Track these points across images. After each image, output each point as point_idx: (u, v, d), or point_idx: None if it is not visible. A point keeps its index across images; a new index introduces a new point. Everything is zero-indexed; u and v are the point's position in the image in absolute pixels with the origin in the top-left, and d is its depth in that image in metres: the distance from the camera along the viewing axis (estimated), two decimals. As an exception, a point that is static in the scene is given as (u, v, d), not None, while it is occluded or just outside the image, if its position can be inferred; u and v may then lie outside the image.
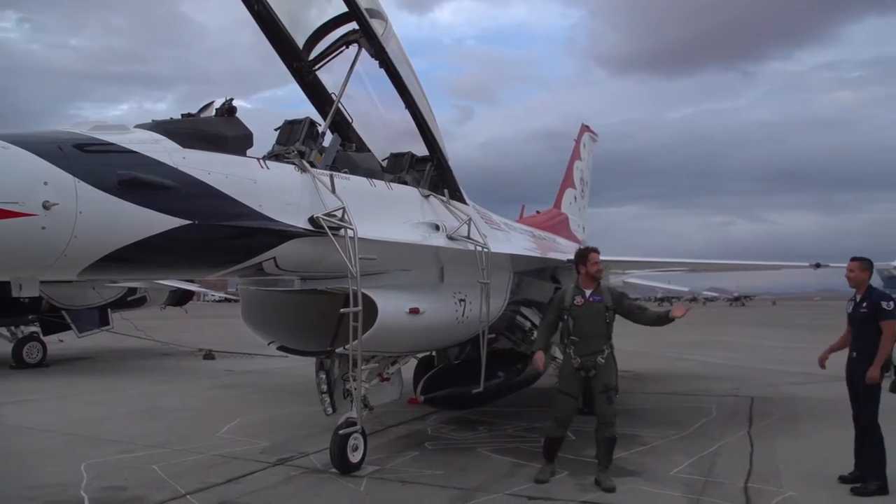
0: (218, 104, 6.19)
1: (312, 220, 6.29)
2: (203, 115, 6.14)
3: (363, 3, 6.99)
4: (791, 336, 29.09)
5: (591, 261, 7.23)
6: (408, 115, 7.87)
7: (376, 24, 7.16)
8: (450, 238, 7.84)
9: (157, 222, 5.03)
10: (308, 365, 8.55)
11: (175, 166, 5.27)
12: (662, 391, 13.46)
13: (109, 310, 20.48)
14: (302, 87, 7.85)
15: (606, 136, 22.71)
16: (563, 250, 13.36)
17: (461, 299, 8.09)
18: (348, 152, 7.69)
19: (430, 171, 8.45)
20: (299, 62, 7.64)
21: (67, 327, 19.60)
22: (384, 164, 8.50)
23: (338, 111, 7.80)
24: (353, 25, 7.29)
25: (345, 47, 7.61)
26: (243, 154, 6.09)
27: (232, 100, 6.17)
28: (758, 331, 34.73)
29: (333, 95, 7.80)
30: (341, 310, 6.69)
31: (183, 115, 6.07)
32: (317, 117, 7.50)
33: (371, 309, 6.80)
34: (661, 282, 25.08)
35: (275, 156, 6.69)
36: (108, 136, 5.05)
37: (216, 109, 6.16)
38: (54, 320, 19.28)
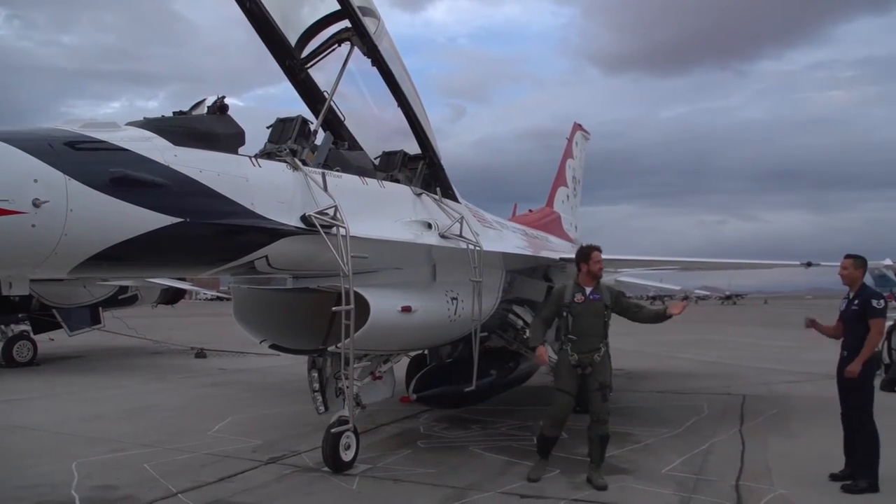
0: (210, 102, 6.16)
1: (304, 219, 6.28)
2: (195, 112, 6.11)
3: (356, 1, 6.98)
4: (782, 335, 29.15)
5: (593, 259, 7.19)
6: (400, 113, 7.87)
7: (369, 23, 7.17)
8: (442, 236, 7.85)
9: (148, 220, 5.01)
10: (300, 363, 8.53)
11: (166, 164, 5.25)
12: (655, 389, 13.48)
13: (101, 308, 20.44)
14: (294, 85, 7.82)
15: (599, 134, 22.80)
16: (555, 249, 13.38)
17: (453, 298, 8.10)
18: (340, 150, 7.67)
19: (423, 170, 8.44)
20: (291, 60, 7.61)
21: (58, 326, 19.55)
22: (376, 162, 8.48)
23: (330, 109, 7.78)
24: (346, 23, 7.28)
25: (337, 45, 7.60)
26: (235, 152, 6.06)
27: (224, 97, 6.15)
28: (750, 329, 34.84)
29: (326, 93, 7.78)
30: (333, 308, 6.68)
31: (175, 113, 6.05)
32: (309, 115, 7.48)
33: (363, 307, 6.79)
34: (653, 280, 25.13)
35: (267, 154, 6.68)
36: (99, 133, 5.02)
37: (208, 107, 6.13)
38: (45, 319, 19.22)
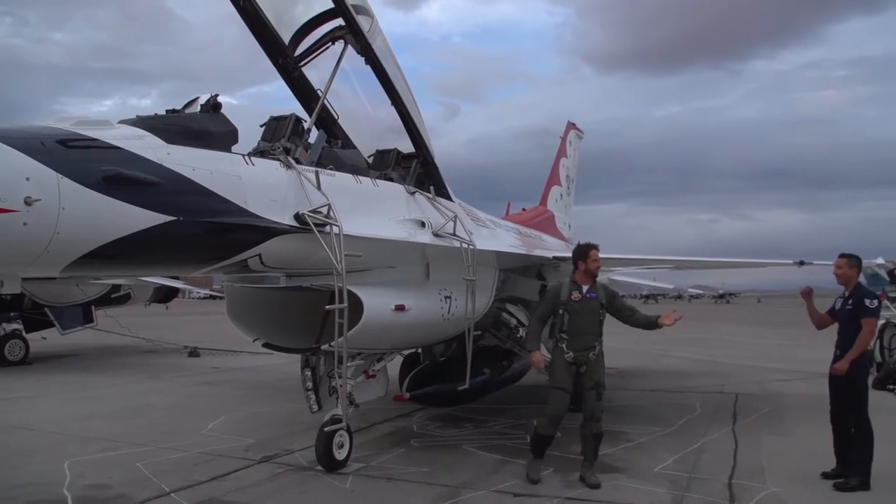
0: (203, 100, 6.15)
1: (298, 217, 6.27)
2: (188, 111, 6.10)
3: (349, 0, 6.97)
4: (775, 333, 29.26)
5: (591, 257, 7.17)
6: (394, 111, 7.86)
7: (363, 21, 7.16)
8: (435, 235, 7.85)
9: (141, 219, 5.00)
10: (293, 362, 8.52)
11: (159, 162, 5.24)
12: (648, 388, 13.51)
13: (93, 307, 20.37)
14: (288, 83, 7.81)
15: (593, 133, 22.84)
16: (549, 248, 13.41)
17: (447, 296, 8.10)
18: (334, 149, 7.66)
19: (416, 168, 8.43)
20: (285, 58, 7.60)
21: (51, 324, 19.49)
22: (370, 160, 8.48)
23: (323, 108, 7.78)
24: (340, 22, 7.27)
25: (331, 43, 7.59)
26: (228, 150, 6.05)
27: (217, 96, 6.14)
28: (743, 328, 34.94)
29: (319, 92, 7.77)
30: (327, 307, 6.68)
31: (168, 111, 6.04)
32: (302, 114, 7.48)
33: (357, 306, 6.79)
34: (646, 279, 25.16)
35: (260, 152, 6.66)
36: (91, 131, 5.01)
37: (201, 105, 6.12)
38: (37, 317, 19.12)
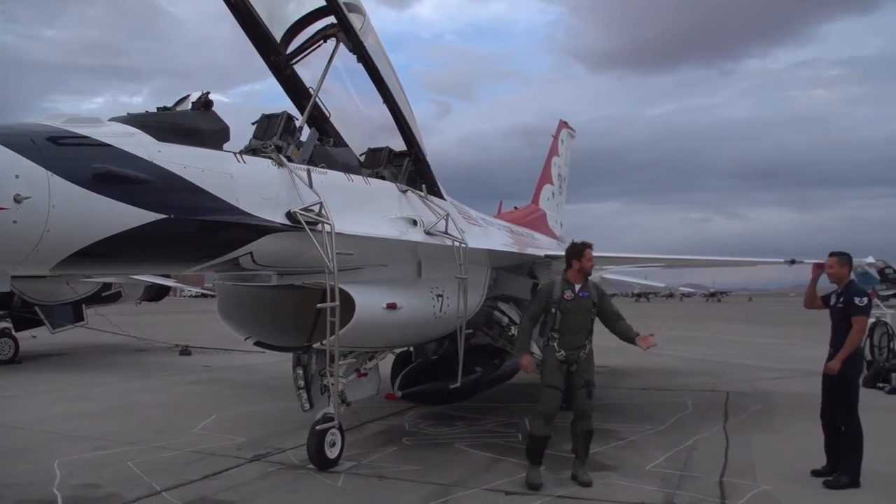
0: (194, 98, 6.13)
1: (289, 215, 6.25)
2: (179, 108, 6.08)
3: (341, -3, 6.96)
4: (766, 332, 29.39)
5: (585, 256, 7.17)
6: (385, 109, 7.85)
7: (355, 19, 7.14)
8: (427, 233, 7.84)
9: (131, 216, 4.97)
10: (285, 360, 8.50)
11: (150, 160, 5.21)
12: (639, 386, 13.55)
13: (84, 305, 20.30)
14: (279, 81, 7.78)
15: (585, 132, 22.84)
16: (541, 246, 13.42)
17: (439, 295, 8.10)
18: (326, 147, 7.65)
19: (408, 166, 8.43)
20: (277, 56, 7.57)
21: (40, 323, 19.38)
22: (362, 158, 8.46)
23: (315, 105, 7.75)
24: (332, 19, 7.25)
25: (323, 41, 7.56)
26: (220, 148, 6.02)
27: (208, 93, 6.12)
28: (734, 326, 35.09)
29: (311, 90, 7.75)
30: (318, 305, 6.66)
31: (159, 109, 6.01)
32: (294, 112, 7.44)
33: (348, 304, 6.78)
34: (638, 277, 25.21)
35: (252, 150, 6.64)
36: (82, 129, 4.98)
37: (192, 103, 6.10)
38: (27, 316, 19.01)
